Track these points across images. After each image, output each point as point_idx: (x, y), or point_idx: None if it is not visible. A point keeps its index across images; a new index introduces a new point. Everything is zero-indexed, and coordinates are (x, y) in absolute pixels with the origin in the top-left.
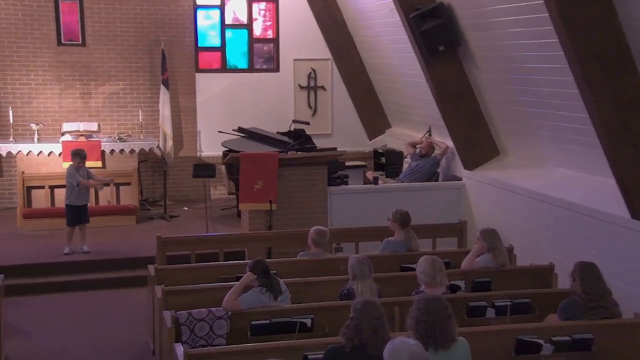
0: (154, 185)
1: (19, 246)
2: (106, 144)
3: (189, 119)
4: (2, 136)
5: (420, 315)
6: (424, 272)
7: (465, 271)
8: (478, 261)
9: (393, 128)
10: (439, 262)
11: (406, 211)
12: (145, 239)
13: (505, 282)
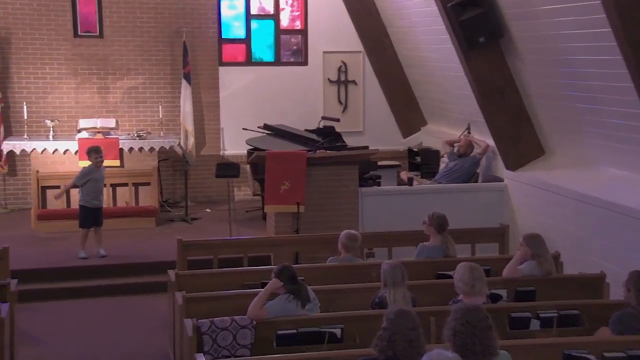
0: (175, 186)
1: (33, 249)
2: (124, 142)
3: (211, 115)
4: (15, 133)
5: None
6: (462, 280)
7: (507, 279)
8: (521, 269)
9: (429, 125)
10: (479, 269)
11: (443, 214)
12: (165, 243)
13: (551, 291)
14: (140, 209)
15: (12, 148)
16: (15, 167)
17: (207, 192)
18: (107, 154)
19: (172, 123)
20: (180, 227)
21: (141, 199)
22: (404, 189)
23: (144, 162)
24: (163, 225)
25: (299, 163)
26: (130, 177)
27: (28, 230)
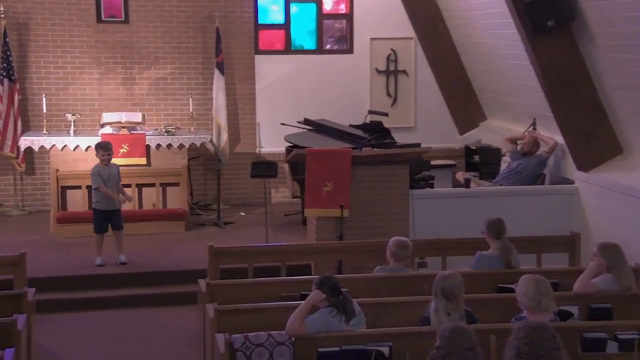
0: (206, 187)
1: (52, 255)
2: (151, 138)
3: (247, 108)
4: (34, 128)
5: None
6: (527, 295)
7: (579, 294)
8: (595, 282)
9: (489, 120)
10: (545, 282)
11: (499, 218)
12: (195, 249)
13: (631, 309)
14: (168, 212)
15: (30, 144)
16: (33, 165)
17: (241, 193)
18: (132, 151)
19: (203, 117)
20: (211, 232)
21: (169, 200)
22: (460, 191)
23: (173, 160)
24: (193, 230)
25: (343, 162)
26: (158, 177)
27: (47, 235)
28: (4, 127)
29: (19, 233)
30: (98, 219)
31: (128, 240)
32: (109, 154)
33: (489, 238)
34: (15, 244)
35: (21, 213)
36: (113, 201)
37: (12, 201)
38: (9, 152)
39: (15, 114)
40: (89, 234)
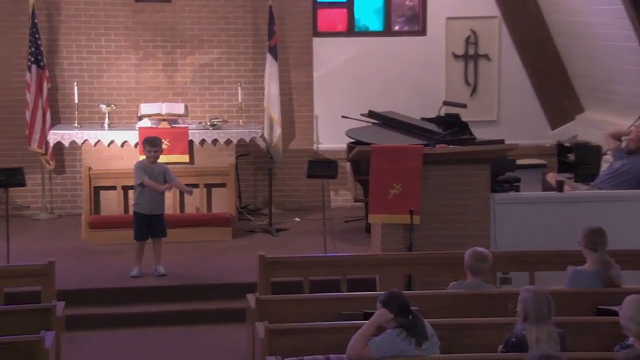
0: (256, 188)
1: (84, 265)
2: (195, 132)
3: (303, 99)
4: (64, 120)
5: None
6: (633, 319)
7: None
8: None
9: (587, 113)
10: None
11: (598, 228)
12: (244, 260)
13: None
14: (213, 216)
15: (60, 139)
16: (63, 162)
17: (296, 196)
18: (173, 148)
19: (253, 109)
20: (262, 240)
21: (214, 204)
22: (552, 195)
23: (219, 157)
24: (241, 237)
25: (414, 161)
26: (202, 177)
27: (78, 241)
28: (32, 119)
29: (47, 239)
30: (139, 224)
31: (167, 248)
32: (156, 150)
33: (586, 250)
34: (42, 252)
35: (50, 216)
36: (157, 204)
37: (40, 203)
38: (36, 147)
39: (44, 105)
40: (124, 241)
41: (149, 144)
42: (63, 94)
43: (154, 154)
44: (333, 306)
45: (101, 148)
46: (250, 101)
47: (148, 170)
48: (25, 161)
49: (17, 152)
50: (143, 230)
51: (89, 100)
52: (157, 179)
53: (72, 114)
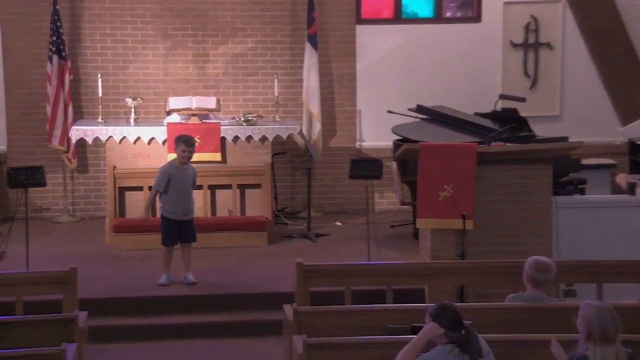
0: (294, 189)
1: (108, 272)
2: (227, 129)
3: (345, 92)
4: (87, 115)
5: None
6: None
7: None
8: None
9: None
10: None
11: None
12: (280, 267)
13: None
14: (247, 220)
15: (83, 135)
16: (86, 160)
17: (337, 198)
18: (204, 145)
19: (291, 103)
20: (300, 246)
21: (249, 206)
22: (622, 199)
23: (253, 156)
24: (277, 243)
25: (466, 160)
26: (235, 177)
27: (101, 246)
28: (53, 114)
29: (69, 244)
30: (167, 229)
31: (198, 254)
32: (190, 150)
33: None
34: (64, 257)
35: (71, 219)
36: (186, 208)
37: (61, 205)
38: (58, 144)
39: (65, 99)
40: (151, 246)
41: (184, 142)
42: (86, 87)
43: (188, 154)
44: (377, 319)
45: (127, 145)
46: (288, 94)
47: (176, 174)
48: (45, 159)
49: (37, 149)
50: (171, 235)
51: (114, 93)
52: (188, 182)
53: (96, 108)
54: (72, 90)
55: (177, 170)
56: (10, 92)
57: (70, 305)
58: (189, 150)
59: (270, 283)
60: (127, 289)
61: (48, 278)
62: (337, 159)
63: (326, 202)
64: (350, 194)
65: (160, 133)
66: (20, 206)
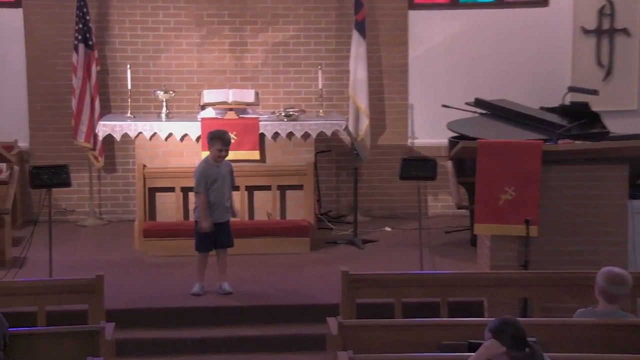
0: (339, 191)
1: (137, 280)
2: (267, 124)
3: (396, 84)
4: (115, 110)
5: None
6: None
7: None
8: None
9: None
10: None
11: None
12: (324, 276)
13: None
14: (288, 224)
15: (111, 131)
16: (113, 159)
17: (386, 201)
18: (241, 142)
19: (336, 97)
20: (346, 253)
21: (289, 209)
22: None
23: (295, 154)
24: (320, 249)
25: (531, 160)
26: (275, 177)
27: (130, 252)
28: (78, 108)
29: (95, 249)
30: (201, 233)
31: (234, 261)
32: (227, 149)
33: None
34: (90, 264)
35: (98, 222)
36: (223, 210)
37: (87, 207)
38: (83, 141)
39: (92, 91)
40: (184, 252)
41: (221, 141)
42: (114, 79)
43: (224, 154)
44: (431, 334)
45: (158, 142)
46: (333, 87)
47: (212, 173)
48: (70, 157)
49: (61, 146)
50: (207, 240)
51: (144, 85)
52: (224, 180)
53: (125, 102)
54: (99, 82)
55: (212, 169)
56: (33, 84)
57: (96, 316)
58: (226, 149)
59: (312, 294)
60: (158, 298)
61: (72, 286)
62: (387, 157)
63: (374, 205)
64: (401, 196)
65: (194, 129)
66: (43, 208)
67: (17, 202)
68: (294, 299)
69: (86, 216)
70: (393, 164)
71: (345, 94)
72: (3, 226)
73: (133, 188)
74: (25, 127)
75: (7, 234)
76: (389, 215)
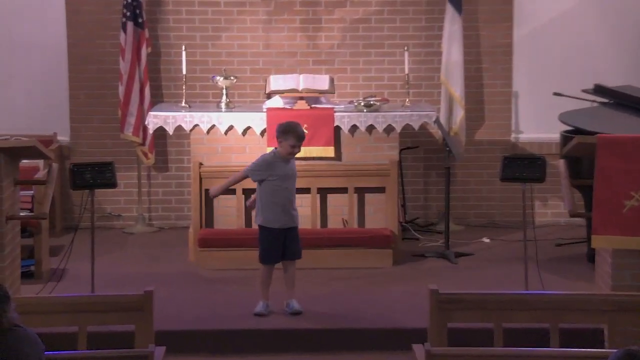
0: (428, 195)
1: (191, 297)
2: (343, 116)
3: (497, 69)
4: (168, 98)
5: None
6: None
7: None
8: None
9: None
10: None
11: None
12: (409, 295)
13: None
14: (367, 234)
15: (163, 123)
16: (166, 155)
17: (485, 207)
18: (313, 137)
19: (426, 83)
20: (436, 268)
21: (369, 216)
22: None
23: (376, 151)
24: (406, 263)
25: None
26: (352, 178)
27: (184, 264)
28: (126, 96)
29: (144, 260)
30: (267, 242)
31: (303, 276)
32: (300, 145)
33: None
34: (137, 278)
35: (147, 229)
36: (290, 212)
37: (135, 211)
38: (131, 134)
39: (142, 77)
40: (245, 265)
41: (295, 135)
42: (167, 62)
43: (297, 150)
44: None
45: (216, 136)
46: (422, 72)
47: (280, 168)
48: (116, 154)
49: (106, 140)
50: (274, 250)
51: (202, 70)
52: (293, 178)
53: (179, 89)
54: (149, 67)
55: (281, 164)
56: (75, 69)
57: (145, 338)
58: (299, 145)
59: (396, 316)
60: (215, 319)
61: (118, 304)
62: (486, 155)
63: (470, 211)
64: (502, 201)
65: (259, 121)
66: (85, 212)
67: (56, 205)
68: (373, 321)
69: (134, 222)
70: (493, 162)
71: (436, 80)
72: (40, 232)
73: (188, 190)
74: (66, 119)
75: (44, 242)
76: (487, 223)
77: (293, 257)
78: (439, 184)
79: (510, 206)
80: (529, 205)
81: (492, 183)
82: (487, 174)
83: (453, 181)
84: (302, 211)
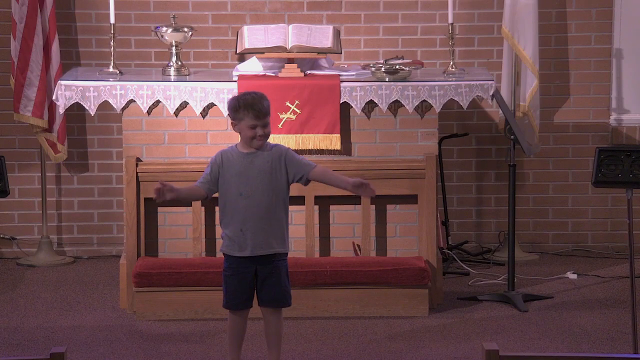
0: (482, 207)
1: None
2: (354, 87)
3: (591, 16)
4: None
5: None
6: None
7: None
8: None
9: None
10: None
11: None
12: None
13: None
14: (391, 265)
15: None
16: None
17: (571, 227)
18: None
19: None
20: (495, 318)
21: (393, 239)
22: None
23: (404, 140)
24: (449, 309)
25: None
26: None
27: (112, 313)
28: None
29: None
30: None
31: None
32: (264, 124)
33: None
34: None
35: (55, 260)
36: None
37: (37, 232)
38: (31, 115)
39: (47, 28)
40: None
41: (254, 110)
42: (85, 4)
43: (261, 133)
44: None
45: (162, 118)
46: (474, 20)
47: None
48: (8, 143)
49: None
50: (240, 289)
51: (138, 18)
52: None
53: (104, 45)
54: (58, 12)
55: (238, 158)
56: None
57: None
58: (262, 123)
59: None
60: None
61: None
62: (572, 147)
63: (548, 232)
64: (596, 216)
65: (225, 95)
66: None
67: None
68: None
69: (35, 248)
70: (582, 158)
71: (495, 32)
72: None
73: (119, 199)
74: None
75: None
76: (573, 250)
77: (275, 304)
78: (500, 190)
79: (609, 224)
80: (637, 223)
81: (581, 189)
82: (574, 175)
83: (521, 186)
84: (293, 231)
